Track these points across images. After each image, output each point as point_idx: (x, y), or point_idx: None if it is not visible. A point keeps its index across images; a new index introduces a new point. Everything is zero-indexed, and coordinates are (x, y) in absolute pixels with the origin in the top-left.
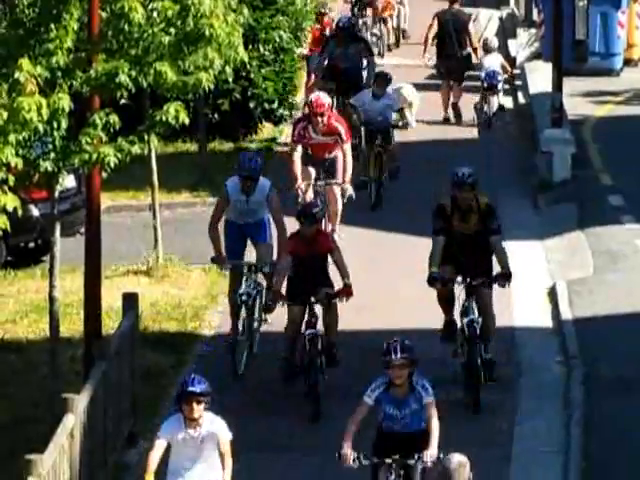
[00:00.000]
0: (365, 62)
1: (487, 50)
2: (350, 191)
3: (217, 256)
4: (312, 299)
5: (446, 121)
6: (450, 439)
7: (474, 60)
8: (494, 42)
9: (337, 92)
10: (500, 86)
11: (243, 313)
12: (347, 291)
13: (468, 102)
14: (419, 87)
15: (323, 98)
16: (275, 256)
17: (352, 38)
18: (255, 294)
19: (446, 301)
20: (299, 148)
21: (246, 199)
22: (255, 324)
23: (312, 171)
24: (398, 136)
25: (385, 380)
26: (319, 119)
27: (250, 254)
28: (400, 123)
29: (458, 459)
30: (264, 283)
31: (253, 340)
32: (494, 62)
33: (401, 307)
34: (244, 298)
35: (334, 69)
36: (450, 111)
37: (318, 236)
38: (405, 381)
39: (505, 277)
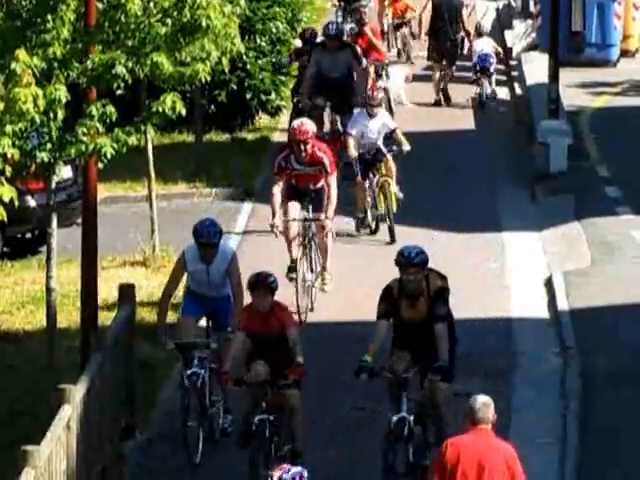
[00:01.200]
0: (355, 73)
1: (479, 34)
2: (330, 226)
3: (159, 332)
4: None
5: (437, 104)
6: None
7: (466, 44)
8: (486, 26)
9: (331, 108)
10: (492, 69)
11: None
12: (299, 371)
13: (461, 88)
14: (414, 78)
15: (306, 125)
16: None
17: (340, 45)
18: (205, 374)
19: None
20: (280, 181)
21: (206, 269)
22: (214, 408)
23: (296, 206)
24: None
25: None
26: (302, 147)
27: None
28: (395, 148)
29: (483, 399)
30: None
31: (214, 426)
32: (486, 45)
33: None
34: (193, 379)
35: (324, 80)
36: (441, 95)
37: (274, 311)
38: None
39: (439, 371)
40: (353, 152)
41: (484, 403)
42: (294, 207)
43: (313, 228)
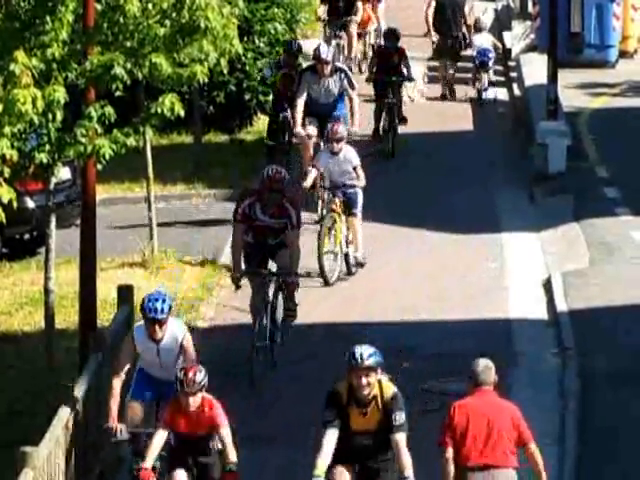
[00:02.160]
0: (347, 99)
1: (478, 29)
2: (294, 284)
3: (110, 428)
4: None
5: (443, 97)
6: None
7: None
8: (485, 21)
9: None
10: (491, 63)
11: None
12: (231, 477)
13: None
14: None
15: (281, 172)
16: None
17: (332, 69)
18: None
19: None
20: (241, 230)
21: (156, 348)
22: None
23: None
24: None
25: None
26: (272, 196)
27: None
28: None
29: (484, 362)
30: None
31: None
32: (485, 41)
33: (393, 300)
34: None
35: (314, 107)
36: (447, 89)
37: (203, 409)
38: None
39: None
40: (308, 182)
41: (486, 366)
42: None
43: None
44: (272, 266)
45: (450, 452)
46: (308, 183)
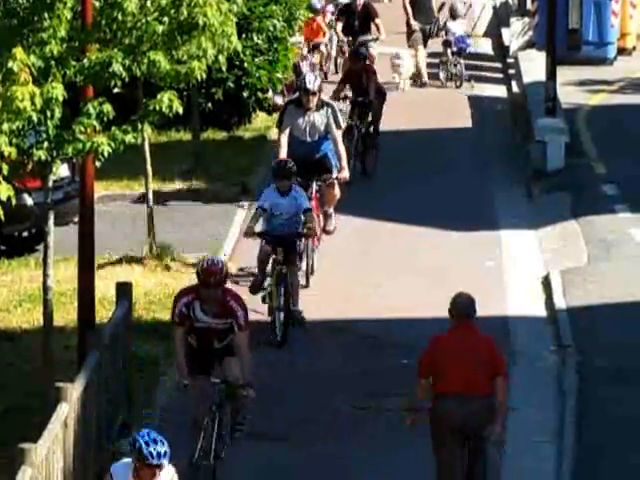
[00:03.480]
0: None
1: (453, 16)
2: (251, 396)
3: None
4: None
5: (423, 85)
6: None
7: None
8: (460, 9)
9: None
10: (468, 50)
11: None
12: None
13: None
14: (411, 76)
15: (218, 263)
16: None
17: (319, 103)
18: None
19: None
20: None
21: None
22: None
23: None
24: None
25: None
26: (210, 293)
27: None
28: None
29: (465, 295)
30: None
31: None
32: (459, 28)
33: (391, 297)
34: None
35: (297, 146)
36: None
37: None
38: None
39: None
40: (252, 228)
41: (467, 299)
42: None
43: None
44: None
45: (424, 383)
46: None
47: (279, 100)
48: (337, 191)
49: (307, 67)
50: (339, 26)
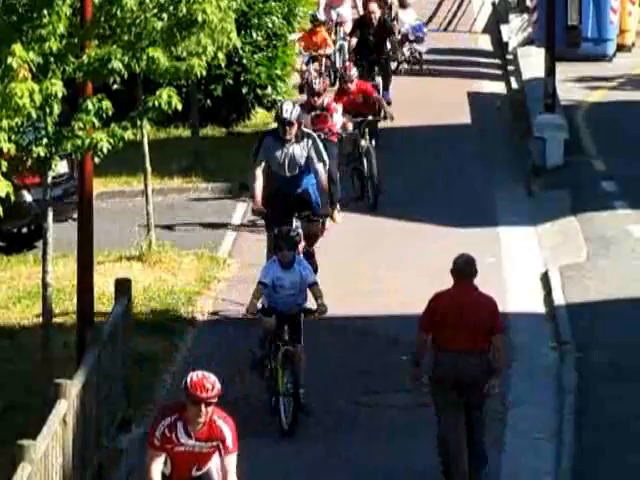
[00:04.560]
0: (314, 173)
1: (403, 6)
2: None
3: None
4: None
5: None
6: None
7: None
8: None
9: (280, 216)
10: (423, 37)
11: None
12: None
13: None
14: (412, 72)
15: (209, 376)
16: None
17: (298, 134)
18: None
19: None
20: (158, 457)
21: None
22: None
23: None
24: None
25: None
26: (199, 410)
27: None
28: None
29: (466, 256)
30: None
31: None
32: (410, 17)
33: (391, 294)
34: None
35: (276, 181)
36: None
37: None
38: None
39: None
40: (255, 305)
41: (467, 259)
42: None
43: None
44: None
45: (424, 335)
46: (253, 305)
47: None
48: (318, 229)
49: (295, 108)
50: (353, 41)
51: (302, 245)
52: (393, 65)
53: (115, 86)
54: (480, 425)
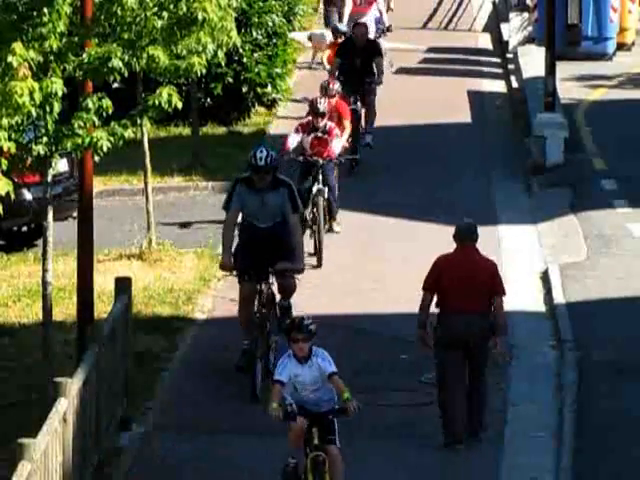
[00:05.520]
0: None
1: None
2: None
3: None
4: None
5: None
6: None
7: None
8: None
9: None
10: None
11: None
12: None
13: None
14: (411, 71)
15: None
16: None
17: (274, 182)
18: None
19: None
20: None
21: None
22: None
23: None
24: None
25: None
26: None
27: None
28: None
29: (467, 222)
30: None
31: None
32: (374, 10)
33: (391, 292)
34: None
35: (251, 232)
36: None
37: None
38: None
39: None
40: (277, 409)
41: (469, 224)
42: None
43: None
44: None
45: (428, 295)
46: (274, 409)
47: (293, 143)
48: (295, 284)
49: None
50: (337, 63)
51: (278, 298)
52: (378, 90)
53: (115, 84)
54: (481, 393)
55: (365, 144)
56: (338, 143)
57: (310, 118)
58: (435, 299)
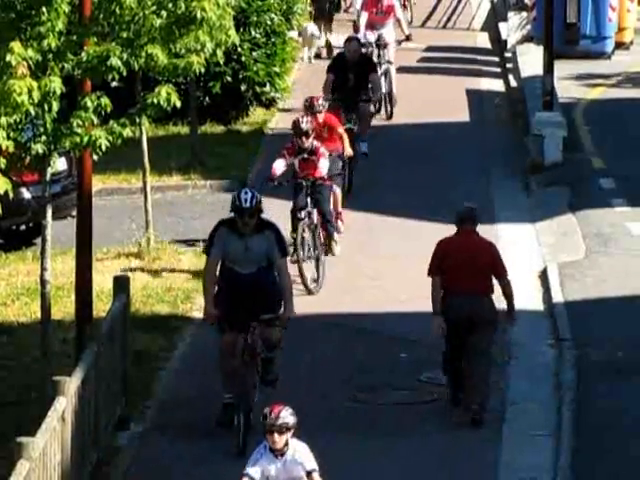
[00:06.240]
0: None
1: None
2: None
3: None
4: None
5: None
6: (442, 421)
7: None
8: None
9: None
10: None
11: None
12: None
13: None
14: (410, 70)
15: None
16: None
17: (258, 225)
18: None
19: None
20: None
21: None
22: None
23: None
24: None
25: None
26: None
27: None
28: None
29: (468, 205)
30: None
31: None
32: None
33: (390, 291)
34: None
35: (233, 279)
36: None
37: None
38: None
39: None
40: None
41: (469, 207)
42: None
43: None
44: None
45: (437, 280)
46: None
47: (280, 168)
48: (281, 335)
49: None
50: (329, 79)
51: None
52: (372, 108)
53: (114, 83)
54: (485, 372)
55: (362, 153)
56: (325, 163)
57: (294, 139)
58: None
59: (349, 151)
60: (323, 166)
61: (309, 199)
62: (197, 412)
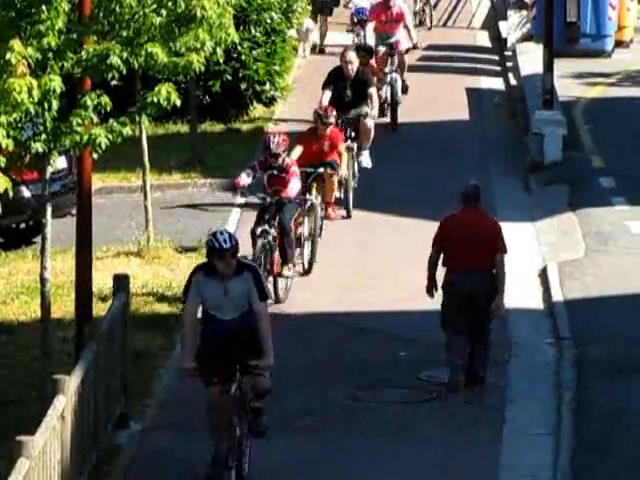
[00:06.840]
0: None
1: None
2: None
3: None
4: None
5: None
6: (441, 420)
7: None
8: None
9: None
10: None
11: None
12: None
13: None
14: (409, 68)
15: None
16: None
17: (237, 267)
18: None
19: None
20: None
21: None
22: None
23: None
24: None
25: None
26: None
27: None
28: None
29: (472, 183)
30: None
31: None
32: (363, 1)
33: (389, 290)
34: None
35: (213, 327)
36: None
37: None
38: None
39: None
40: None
41: (473, 184)
42: None
43: None
44: None
45: (437, 251)
46: None
47: (245, 179)
48: (267, 381)
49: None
50: (326, 95)
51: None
52: (371, 123)
53: (114, 82)
54: (484, 345)
55: (363, 167)
56: (295, 184)
57: (265, 157)
58: (442, 258)
59: (344, 172)
60: (293, 187)
61: (270, 216)
62: (197, 411)
